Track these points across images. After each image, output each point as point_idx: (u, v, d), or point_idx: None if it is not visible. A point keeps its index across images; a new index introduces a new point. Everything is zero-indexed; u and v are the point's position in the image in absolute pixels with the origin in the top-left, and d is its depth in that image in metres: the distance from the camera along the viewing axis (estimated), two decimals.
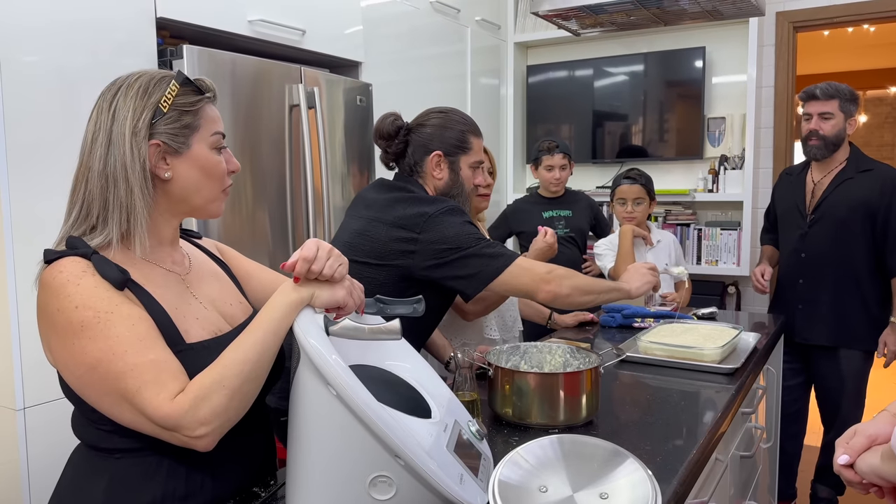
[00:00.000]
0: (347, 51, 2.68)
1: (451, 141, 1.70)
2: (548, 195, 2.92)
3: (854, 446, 0.95)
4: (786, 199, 2.66)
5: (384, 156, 1.76)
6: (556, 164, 2.81)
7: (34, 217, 1.68)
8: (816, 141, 2.46)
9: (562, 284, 1.57)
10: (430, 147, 1.69)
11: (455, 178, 1.71)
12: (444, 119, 1.72)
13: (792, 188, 2.63)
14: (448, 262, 1.56)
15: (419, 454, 0.91)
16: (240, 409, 0.94)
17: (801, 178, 2.63)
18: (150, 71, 1.03)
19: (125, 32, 1.88)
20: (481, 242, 1.58)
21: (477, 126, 1.77)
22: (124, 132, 0.97)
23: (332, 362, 0.91)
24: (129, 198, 0.97)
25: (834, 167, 2.53)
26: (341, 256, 1.01)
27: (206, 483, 1.01)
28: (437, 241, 1.56)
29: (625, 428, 1.37)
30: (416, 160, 1.71)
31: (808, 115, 2.48)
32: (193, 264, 1.13)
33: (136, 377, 0.90)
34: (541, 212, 2.89)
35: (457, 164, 1.71)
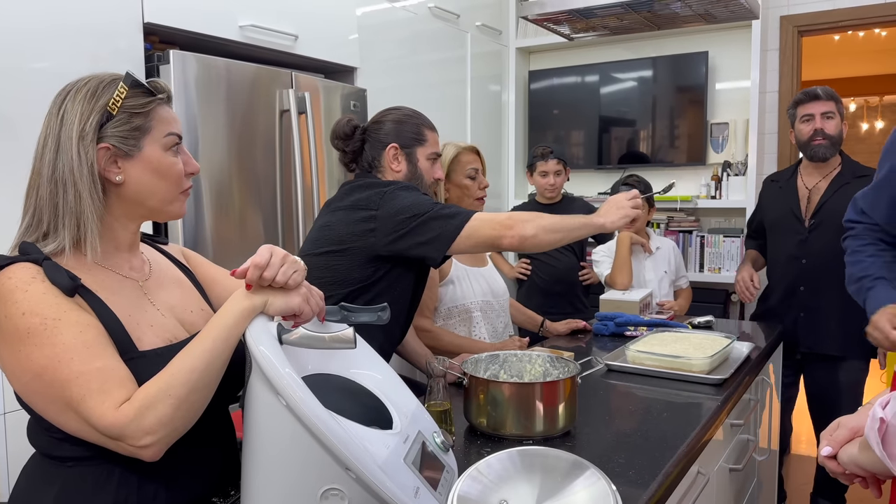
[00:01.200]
0: (342, 56, 2.68)
1: (407, 134, 1.73)
2: (544, 201, 2.88)
3: (837, 438, 1.00)
4: (777, 205, 2.59)
5: (342, 156, 1.79)
6: (550, 170, 2.77)
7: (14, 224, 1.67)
8: (823, 140, 2.42)
9: (525, 227, 1.55)
10: (385, 141, 1.72)
11: (413, 170, 1.74)
12: (398, 115, 1.76)
13: (783, 194, 2.58)
14: (409, 230, 1.56)
15: (370, 467, 0.89)
16: (187, 419, 0.92)
17: (791, 183, 2.57)
18: (100, 74, 1.01)
19: (113, 38, 1.88)
20: (437, 206, 1.58)
21: (430, 121, 1.81)
22: (72, 136, 0.96)
23: (281, 372, 0.89)
24: (77, 203, 0.96)
25: (829, 172, 2.48)
26: (297, 262, 0.99)
27: (160, 493, 0.99)
28: (394, 213, 1.57)
29: (602, 440, 1.34)
30: (373, 156, 1.74)
31: (810, 115, 2.44)
32: (154, 270, 1.11)
33: (82, 385, 0.88)
34: None
35: (413, 156, 1.74)
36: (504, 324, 2.21)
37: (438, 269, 2.08)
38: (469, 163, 2.13)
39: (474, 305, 2.09)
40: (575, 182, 3.81)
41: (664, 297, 2.63)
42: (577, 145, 3.85)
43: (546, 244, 1.59)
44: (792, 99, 2.55)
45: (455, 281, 2.10)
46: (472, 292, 2.10)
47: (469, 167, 2.13)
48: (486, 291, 2.13)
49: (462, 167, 2.13)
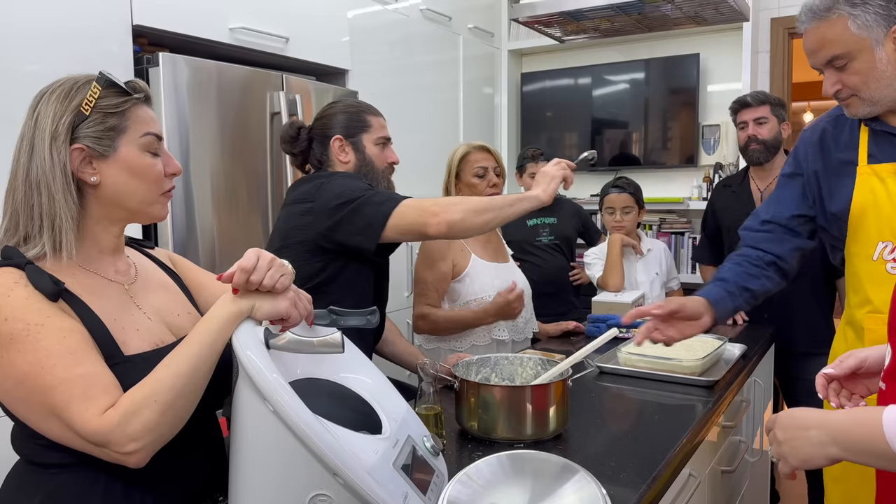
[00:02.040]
0: (333, 59, 2.67)
1: (350, 123, 1.71)
2: None
3: (844, 364, 1.04)
4: (731, 209, 2.62)
5: (293, 159, 1.79)
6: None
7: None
8: (757, 145, 2.49)
9: (451, 211, 1.50)
10: (330, 135, 1.70)
11: (362, 158, 1.71)
12: (339, 107, 1.74)
13: (737, 198, 2.61)
14: (342, 218, 1.53)
15: (358, 472, 0.88)
16: (173, 425, 0.91)
17: (744, 187, 2.62)
18: (75, 76, 1.00)
19: (101, 40, 1.87)
20: (369, 192, 1.56)
21: (373, 107, 1.78)
22: (44, 138, 0.95)
23: (268, 377, 0.88)
24: (51, 205, 0.95)
25: (776, 173, 2.49)
26: (284, 266, 0.99)
27: (146, 500, 0.98)
28: (328, 200, 1.56)
29: (593, 442, 1.33)
30: (321, 152, 1.72)
31: (744, 122, 2.51)
32: (140, 274, 1.10)
33: (65, 391, 0.87)
34: (525, 220, 2.84)
35: (360, 144, 1.71)
36: (525, 319, 2.19)
37: (454, 264, 2.08)
38: (477, 161, 2.12)
39: (491, 298, 2.08)
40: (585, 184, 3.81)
41: (656, 299, 2.63)
42: (569, 147, 3.85)
43: (477, 227, 1.53)
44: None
45: (472, 275, 2.09)
46: (490, 286, 2.09)
47: (477, 165, 2.12)
48: (505, 285, 2.11)
49: (470, 166, 2.13)
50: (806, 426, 0.91)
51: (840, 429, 0.87)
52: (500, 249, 2.25)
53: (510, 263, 2.24)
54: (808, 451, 0.89)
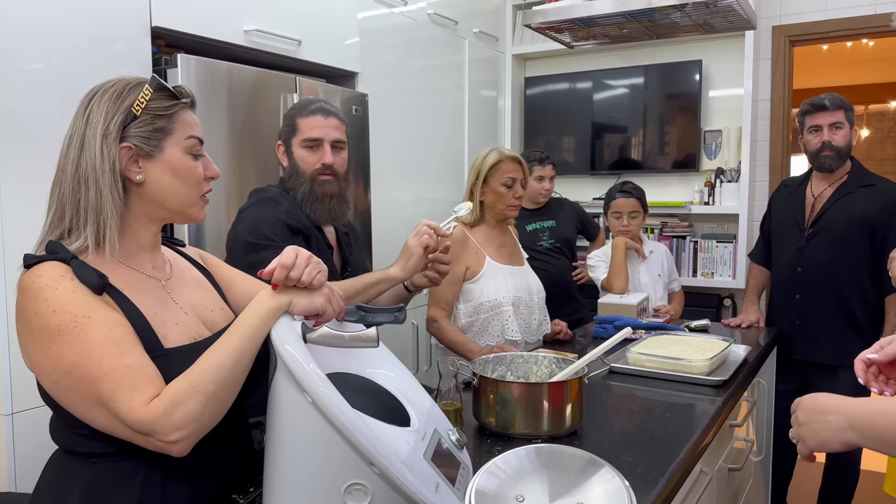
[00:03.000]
0: (344, 61, 2.70)
1: (285, 129, 1.76)
2: (532, 206, 2.89)
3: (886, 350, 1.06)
4: (783, 211, 2.61)
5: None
6: (546, 175, 2.81)
7: (27, 224, 1.68)
8: (831, 152, 2.40)
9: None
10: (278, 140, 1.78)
11: (292, 163, 1.73)
12: (287, 111, 1.79)
13: (791, 200, 2.59)
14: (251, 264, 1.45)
15: (394, 462, 0.91)
16: (214, 416, 0.94)
17: (800, 190, 2.58)
18: (126, 77, 1.04)
19: (121, 41, 1.90)
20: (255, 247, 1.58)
21: (308, 105, 1.74)
22: (96, 135, 0.99)
23: (308, 370, 0.92)
24: (98, 199, 0.98)
25: (835, 180, 2.48)
26: (320, 263, 1.02)
27: (183, 489, 1.01)
28: (233, 238, 1.65)
29: (608, 439, 1.37)
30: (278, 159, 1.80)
31: (817, 126, 2.42)
32: (175, 270, 1.13)
33: (112, 381, 0.90)
34: (524, 225, 2.86)
35: (290, 149, 1.74)
36: (538, 321, 2.22)
37: (467, 267, 2.14)
38: (507, 171, 2.14)
39: (506, 300, 2.12)
40: (568, 187, 3.85)
41: (659, 301, 2.67)
42: (570, 151, 3.90)
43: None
44: (800, 107, 2.52)
45: (486, 277, 2.13)
46: (504, 287, 2.13)
47: (507, 176, 2.13)
48: (519, 287, 2.16)
49: (500, 175, 2.14)
50: (826, 411, 0.95)
51: (859, 415, 0.91)
52: (516, 252, 2.28)
53: (525, 267, 2.28)
54: (826, 435, 0.94)
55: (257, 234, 1.60)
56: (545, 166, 2.80)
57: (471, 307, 2.13)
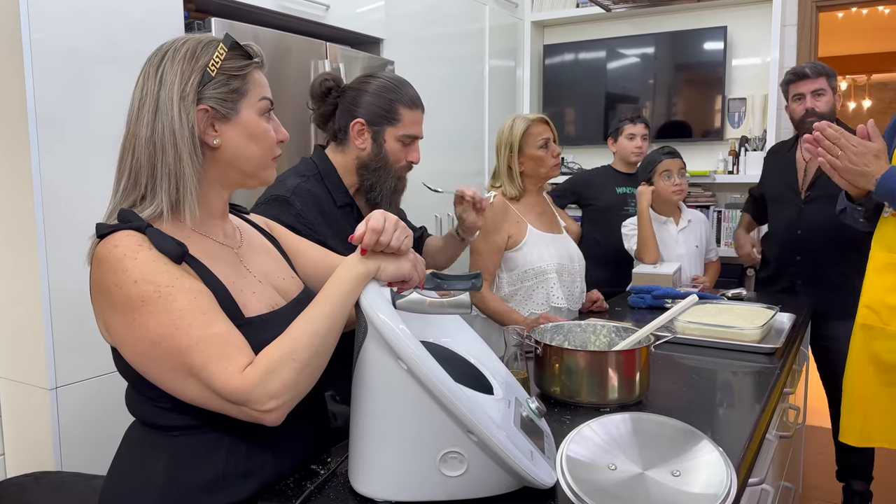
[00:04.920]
0: (369, 27, 2.64)
1: (377, 110, 1.57)
2: (623, 169, 2.91)
3: None
4: (776, 176, 2.64)
5: (314, 116, 1.67)
6: (638, 133, 2.83)
7: (60, 198, 1.64)
8: (815, 118, 2.42)
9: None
10: (354, 114, 1.58)
11: (378, 151, 1.59)
12: (376, 85, 1.59)
13: (783, 165, 2.62)
14: None
15: (493, 430, 0.89)
16: (309, 383, 0.92)
17: (791, 155, 2.61)
18: (196, 35, 1.00)
19: (148, 8, 1.83)
20: None
21: (414, 98, 1.63)
22: (172, 97, 0.94)
23: (402, 337, 0.89)
24: (177, 164, 0.94)
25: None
26: (407, 229, 0.98)
27: (268, 460, 0.99)
28: None
29: (677, 407, 1.35)
30: (340, 125, 1.60)
31: (801, 94, 2.48)
32: (245, 238, 1.10)
33: (202, 351, 0.87)
34: (614, 186, 2.86)
35: (381, 136, 1.58)
36: (580, 289, 2.22)
37: (509, 235, 2.11)
38: (540, 133, 2.11)
39: (550, 267, 2.10)
40: (591, 158, 3.80)
41: (695, 272, 2.64)
42: (591, 121, 3.84)
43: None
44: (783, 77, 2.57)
45: (529, 244, 2.12)
46: (548, 255, 2.12)
47: (540, 138, 2.11)
48: (562, 255, 2.15)
49: (534, 139, 2.11)
50: None
51: None
52: (555, 221, 2.26)
53: (564, 235, 2.25)
54: None
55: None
56: (636, 124, 2.82)
57: (515, 275, 2.11)
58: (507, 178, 2.15)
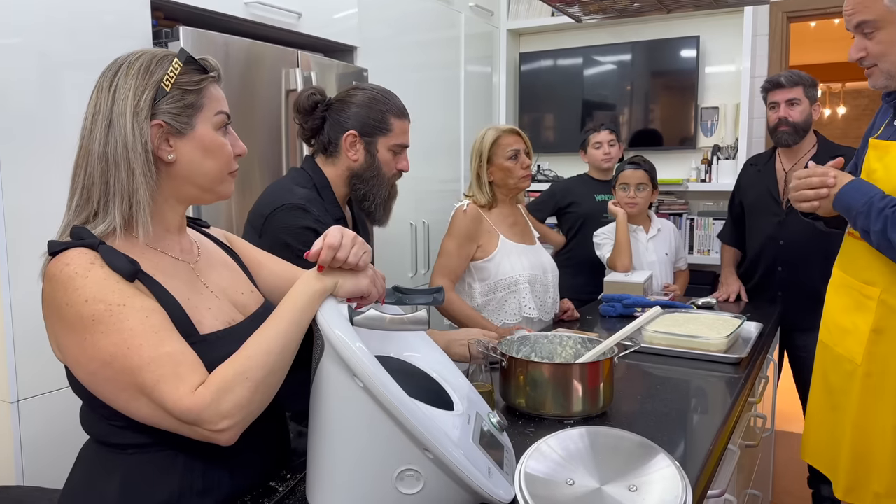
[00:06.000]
0: (342, 35, 2.63)
1: (369, 121, 1.61)
2: (599, 176, 2.94)
3: None
4: (755, 188, 2.65)
5: (300, 131, 1.68)
6: (603, 141, 2.86)
7: (24, 208, 1.62)
8: (787, 127, 2.47)
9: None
10: (345, 126, 1.61)
11: (371, 161, 1.62)
12: (364, 97, 1.62)
13: (761, 177, 2.63)
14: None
15: (449, 447, 0.89)
16: (263, 402, 0.91)
17: (769, 166, 2.63)
18: (151, 50, 0.99)
19: (117, 14, 1.81)
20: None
21: (402, 107, 1.67)
22: (125, 112, 0.93)
23: (358, 354, 0.88)
24: (130, 180, 0.93)
25: (803, 154, 2.54)
26: (365, 244, 0.98)
27: (224, 478, 0.98)
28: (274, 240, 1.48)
29: (639, 418, 1.36)
30: (330, 138, 1.63)
31: (775, 103, 2.50)
32: (202, 252, 1.09)
33: (154, 371, 0.86)
34: (593, 193, 2.89)
35: (374, 146, 1.62)
36: (553, 300, 2.23)
37: (480, 246, 2.12)
38: (509, 145, 2.13)
39: (522, 278, 2.11)
40: (568, 165, 3.83)
41: (665, 280, 2.67)
42: (568, 129, 3.86)
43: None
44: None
45: (501, 255, 2.12)
46: (520, 265, 2.13)
47: (509, 149, 2.12)
48: (534, 266, 2.16)
49: (503, 150, 2.13)
50: None
51: None
52: (528, 232, 2.27)
53: (537, 245, 2.27)
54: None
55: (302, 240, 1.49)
56: (600, 132, 2.84)
57: (487, 286, 2.12)
58: (476, 186, 2.17)
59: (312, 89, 1.65)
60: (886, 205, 1.45)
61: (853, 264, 1.62)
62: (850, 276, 1.63)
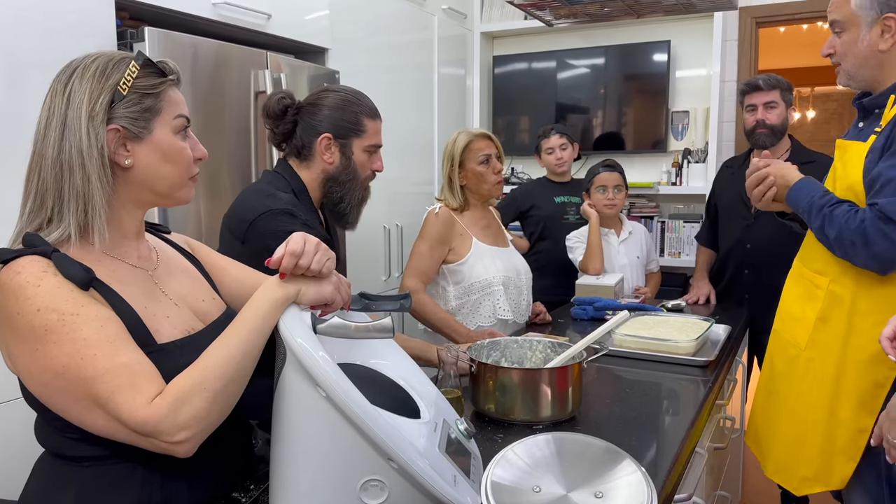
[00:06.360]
0: (313, 36, 2.61)
1: (343, 123, 1.59)
2: (557, 179, 2.94)
3: None
4: (729, 190, 2.68)
5: (271, 136, 1.66)
6: (554, 146, 2.87)
7: None
8: (764, 130, 2.50)
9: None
10: (319, 129, 1.59)
11: (347, 163, 1.61)
12: (336, 99, 1.61)
13: (734, 180, 2.65)
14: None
15: (413, 457, 0.88)
16: (222, 412, 0.89)
17: (743, 169, 2.63)
18: (107, 52, 0.96)
19: (81, 14, 1.77)
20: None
21: (373, 107, 1.66)
22: (80, 116, 0.91)
23: (321, 362, 0.87)
24: (86, 186, 0.91)
25: (778, 157, 2.54)
26: (329, 251, 0.97)
27: (182, 491, 0.95)
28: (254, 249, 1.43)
29: (608, 423, 1.36)
30: (304, 142, 1.60)
31: (753, 105, 2.53)
32: (161, 259, 1.06)
33: (108, 382, 0.84)
34: (552, 196, 2.90)
35: (349, 148, 1.61)
36: (527, 302, 2.23)
37: (452, 249, 2.11)
38: (481, 149, 2.13)
39: (496, 280, 2.11)
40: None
41: (636, 282, 2.69)
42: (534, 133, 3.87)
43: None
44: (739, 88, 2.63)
45: (475, 257, 2.12)
46: (494, 268, 2.13)
47: (481, 153, 2.12)
48: (508, 268, 2.16)
49: (474, 154, 2.13)
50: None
51: None
52: (500, 234, 2.27)
53: (510, 248, 2.27)
54: None
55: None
56: (550, 137, 2.84)
57: (461, 288, 2.11)
58: (448, 189, 2.16)
59: (281, 93, 1.63)
60: (825, 203, 1.53)
61: (808, 255, 1.67)
62: (805, 267, 1.68)
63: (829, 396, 1.53)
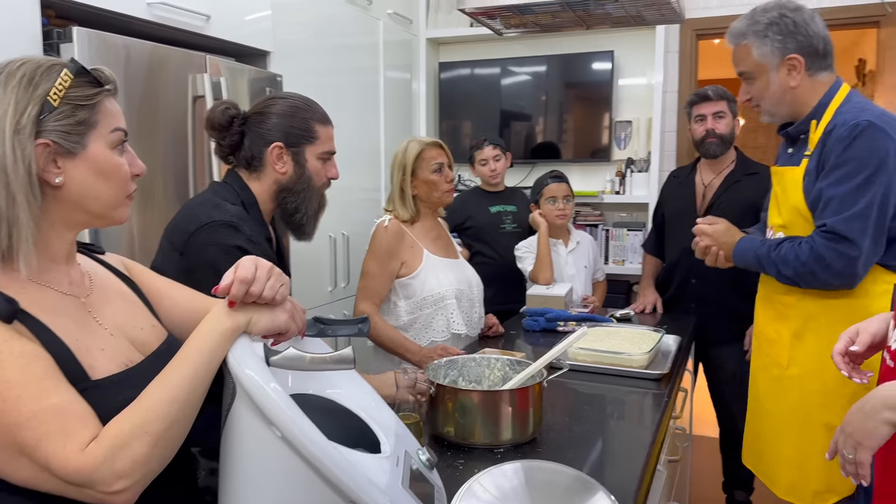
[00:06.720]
0: (254, 39, 2.50)
1: (294, 130, 1.53)
2: (490, 189, 2.90)
3: (862, 340, 1.19)
4: (676, 199, 2.72)
5: (218, 148, 1.58)
6: (488, 157, 2.82)
7: None
8: (714, 139, 2.55)
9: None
10: (268, 138, 1.51)
11: (301, 172, 1.54)
12: (284, 106, 1.54)
13: (681, 189, 2.70)
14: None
15: (376, 497, 0.82)
16: (164, 457, 0.81)
17: (690, 179, 2.70)
18: (35, 57, 0.86)
19: (5, 10, 1.64)
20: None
21: (324, 113, 1.61)
22: (4, 129, 0.81)
23: (274, 398, 0.80)
24: (10, 207, 0.81)
25: (723, 168, 2.62)
26: (282, 275, 0.90)
27: None
28: (194, 264, 1.37)
29: (570, 443, 1.33)
30: (253, 153, 1.53)
31: (702, 115, 2.57)
32: (95, 284, 0.97)
33: (36, 427, 0.75)
34: (487, 206, 2.85)
35: (301, 156, 1.54)
36: (479, 315, 2.19)
37: (403, 262, 2.05)
38: (433, 158, 2.08)
39: (449, 293, 2.06)
40: None
41: (584, 291, 2.69)
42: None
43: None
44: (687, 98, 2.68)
45: (427, 270, 2.06)
46: (446, 280, 2.07)
47: (433, 162, 2.08)
48: (460, 280, 2.11)
49: (426, 163, 2.08)
50: (860, 404, 1.03)
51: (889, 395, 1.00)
52: (451, 246, 2.22)
53: (461, 260, 2.23)
54: (869, 426, 1.01)
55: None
56: (483, 149, 2.79)
57: (413, 303, 2.05)
58: (399, 200, 2.10)
59: (226, 103, 1.55)
60: (768, 250, 1.66)
61: (771, 279, 1.72)
62: (771, 291, 1.75)
63: (820, 409, 1.59)
